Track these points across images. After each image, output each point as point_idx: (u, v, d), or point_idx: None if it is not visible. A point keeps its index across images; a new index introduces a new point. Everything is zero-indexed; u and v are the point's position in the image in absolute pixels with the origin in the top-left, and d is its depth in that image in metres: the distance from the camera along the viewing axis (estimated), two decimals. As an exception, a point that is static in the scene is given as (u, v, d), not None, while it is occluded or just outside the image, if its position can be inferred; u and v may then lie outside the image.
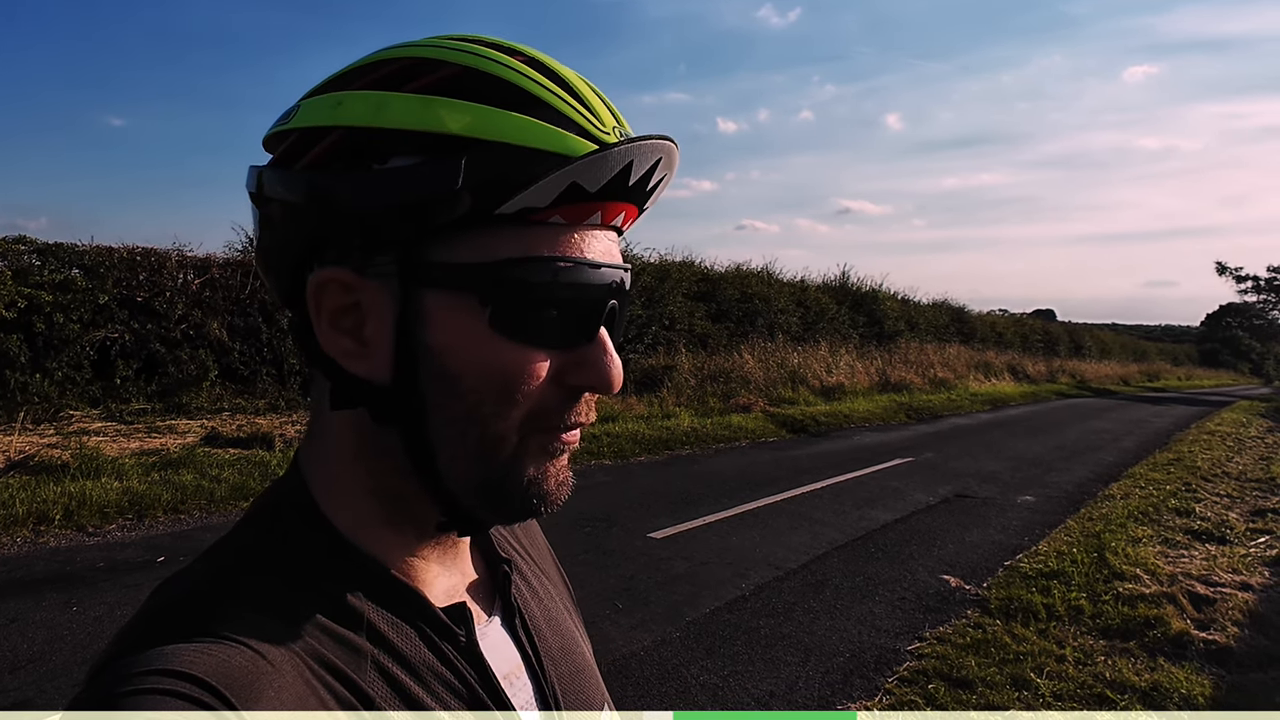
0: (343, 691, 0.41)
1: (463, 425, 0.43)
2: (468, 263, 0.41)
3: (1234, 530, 5.68)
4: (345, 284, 0.43)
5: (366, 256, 0.42)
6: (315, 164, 0.43)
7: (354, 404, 0.44)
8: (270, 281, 0.48)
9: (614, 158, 0.41)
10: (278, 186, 0.44)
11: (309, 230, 0.43)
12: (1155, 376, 34.98)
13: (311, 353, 0.45)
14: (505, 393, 0.43)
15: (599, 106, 0.44)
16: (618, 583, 4.14)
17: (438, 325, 0.42)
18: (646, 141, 0.43)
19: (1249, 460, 9.41)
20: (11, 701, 2.71)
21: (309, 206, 0.42)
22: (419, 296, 0.42)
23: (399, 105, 0.41)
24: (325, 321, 0.44)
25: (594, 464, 7.46)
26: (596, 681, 0.57)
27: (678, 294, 13.30)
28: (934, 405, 14.29)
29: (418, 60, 0.43)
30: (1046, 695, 3.08)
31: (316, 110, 0.43)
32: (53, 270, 7.58)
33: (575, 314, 0.44)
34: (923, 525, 5.74)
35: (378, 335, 0.43)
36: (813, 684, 3.14)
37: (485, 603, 0.53)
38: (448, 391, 0.43)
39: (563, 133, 0.41)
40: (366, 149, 0.41)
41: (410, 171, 0.40)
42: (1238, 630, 3.75)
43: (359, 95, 0.42)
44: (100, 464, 5.65)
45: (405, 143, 0.41)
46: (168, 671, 0.36)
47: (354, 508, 0.47)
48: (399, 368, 0.43)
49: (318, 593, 0.44)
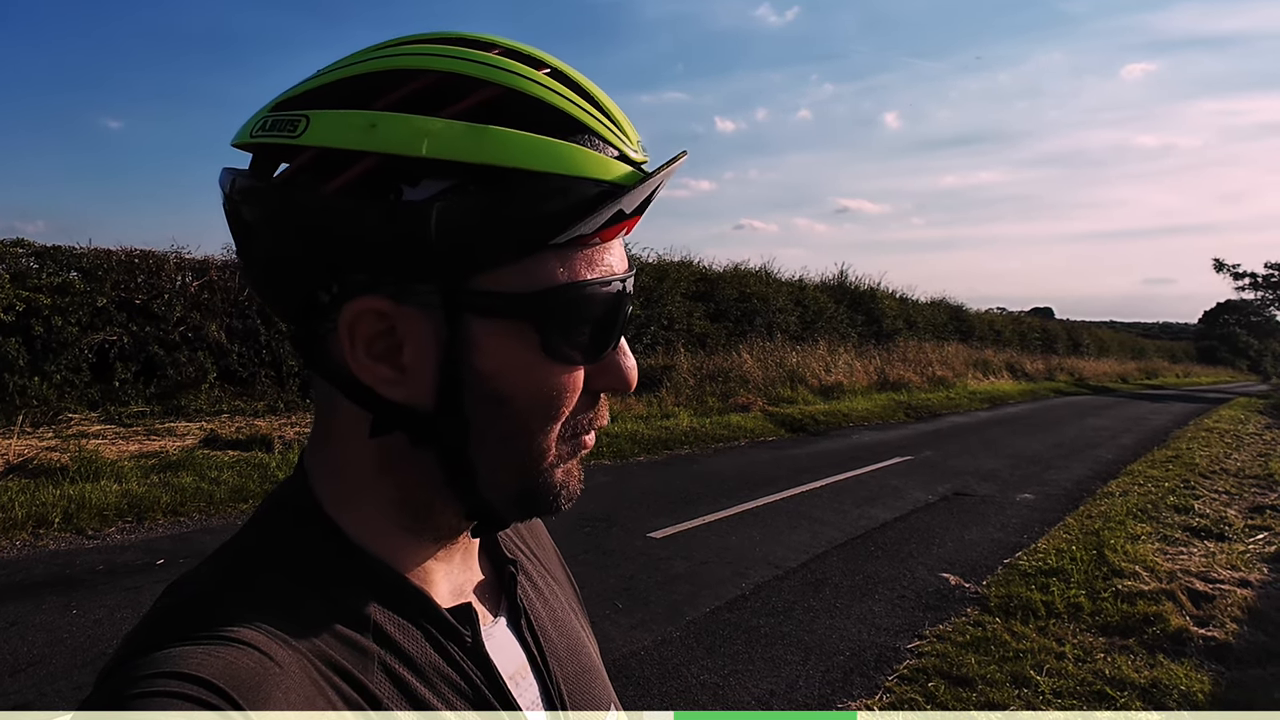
0: (350, 692, 0.41)
1: (509, 443, 0.44)
2: (516, 292, 0.41)
3: (1233, 527, 5.69)
4: (381, 312, 0.42)
5: (404, 284, 0.41)
6: (344, 190, 0.40)
7: (392, 429, 0.44)
8: (269, 297, 0.45)
9: (653, 182, 0.42)
10: (292, 210, 0.41)
11: (332, 254, 0.41)
12: (1153, 374, 35.02)
13: (333, 374, 0.44)
14: (552, 410, 0.44)
15: (625, 123, 0.44)
16: (618, 582, 4.14)
17: (487, 352, 0.42)
18: (676, 163, 0.43)
19: (1247, 457, 9.43)
20: (12, 704, 2.71)
21: (339, 235, 0.40)
22: (467, 325, 0.41)
23: (446, 134, 0.39)
24: (361, 350, 0.42)
25: (593, 464, 7.46)
26: (603, 682, 0.57)
27: (676, 294, 13.30)
28: (933, 404, 14.30)
29: (451, 76, 0.41)
30: (1046, 692, 3.08)
31: (342, 130, 0.40)
32: (51, 273, 7.57)
33: (604, 325, 0.44)
34: (922, 523, 5.75)
35: (418, 362, 0.42)
36: (813, 683, 3.15)
37: (491, 603, 0.53)
38: (496, 414, 0.43)
39: (610, 161, 0.41)
40: (402, 177, 0.40)
41: (458, 202, 0.39)
42: (1237, 627, 3.76)
43: (397, 119, 0.39)
44: (99, 467, 5.65)
45: (447, 173, 0.40)
46: (176, 674, 0.36)
47: (365, 513, 0.47)
48: (443, 392, 0.42)
49: (324, 594, 0.44)
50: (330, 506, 0.47)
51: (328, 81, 0.43)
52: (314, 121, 0.41)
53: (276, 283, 0.44)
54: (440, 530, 0.48)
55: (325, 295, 0.42)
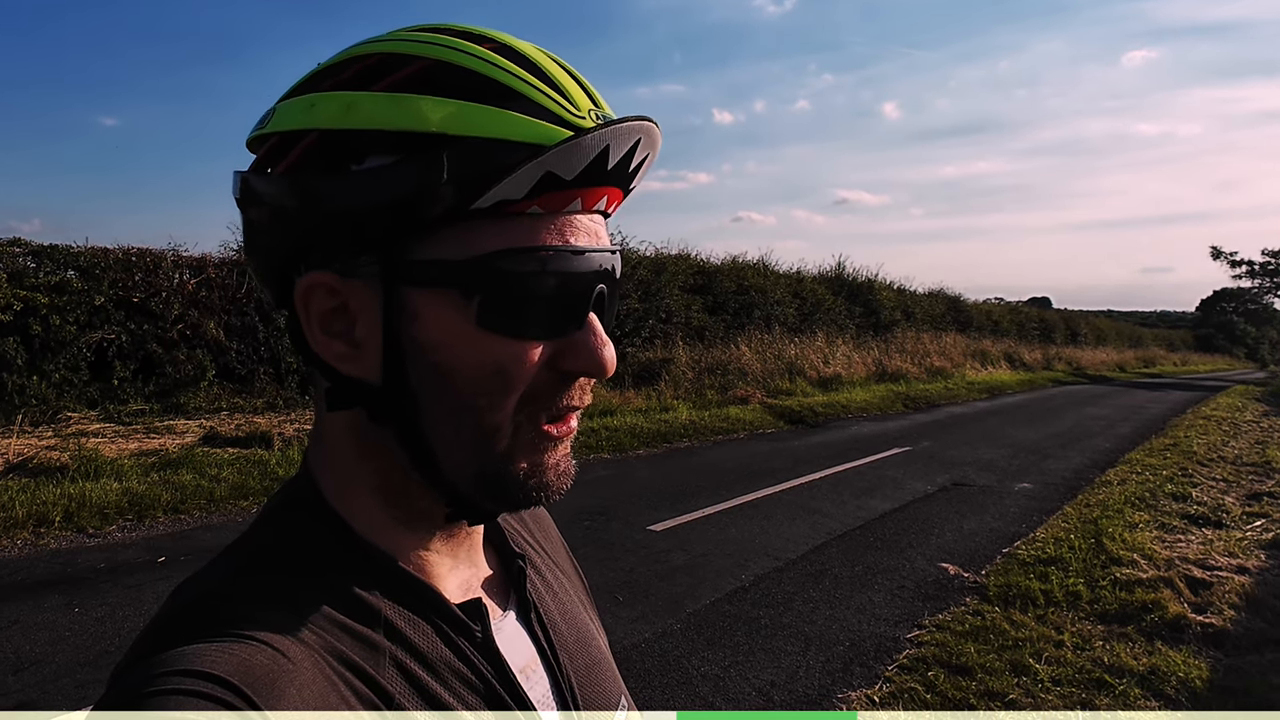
0: (362, 688, 0.41)
1: (457, 419, 0.43)
2: (450, 259, 0.41)
3: (1230, 514, 5.72)
4: (330, 287, 0.43)
5: (350, 258, 0.42)
6: (294, 167, 0.43)
7: (350, 404, 0.45)
8: (261, 286, 0.48)
9: (588, 144, 0.41)
10: (258, 190, 0.44)
11: (294, 234, 0.43)
12: (1151, 362, 35.06)
13: (307, 354, 0.46)
14: (498, 385, 0.43)
15: (574, 90, 0.43)
16: (618, 575, 4.16)
17: (425, 323, 0.42)
18: (622, 124, 0.42)
19: (1245, 444, 9.45)
20: (15, 702, 2.72)
21: (290, 209, 0.42)
22: (404, 295, 0.42)
23: (369, 104, 0.41)
24: (315, 325, 0.44)
25: (592, 458, 7.47)
26: (613, 674, 0.58)
27: (674, 287, 13.29)
28: (931, 394, 14.32)
29: (385, 56, 0.43)
30: (1045, 680, 3.10)
31: (291, 113, 0.43)
32: (48, 272, 7.56)
33: (562, 302, 0.43)
34: (921, 514, 5.77)
35: (368, 336, 0.43)
36: (813, 673, 3.16)
37: (500, 598, 0.53)
38: (440, 387, 0.43)
39: (536, 122, 0.41)
40: (343, 150, 0.41)
41: (386, 170, 0.40)
42: (1234, 613, 3.78)
43: (330, 96, 0.42)
44: (99, 465, 5.65)
45: (380, 142, 0.41)
46: (190, 672, 0.36)
47: (364, 506, 0.47)
48: (389, 367, 0.43)
49: (335, 590, 0.44)
50: (334, 500, 0.47)
51: (308, 74, 0.45)
52: (278, 110, 0.44)
53: (262, 269, 0.47)
54: (430, 520, 0.48)
55: (296, 277, 0.44)
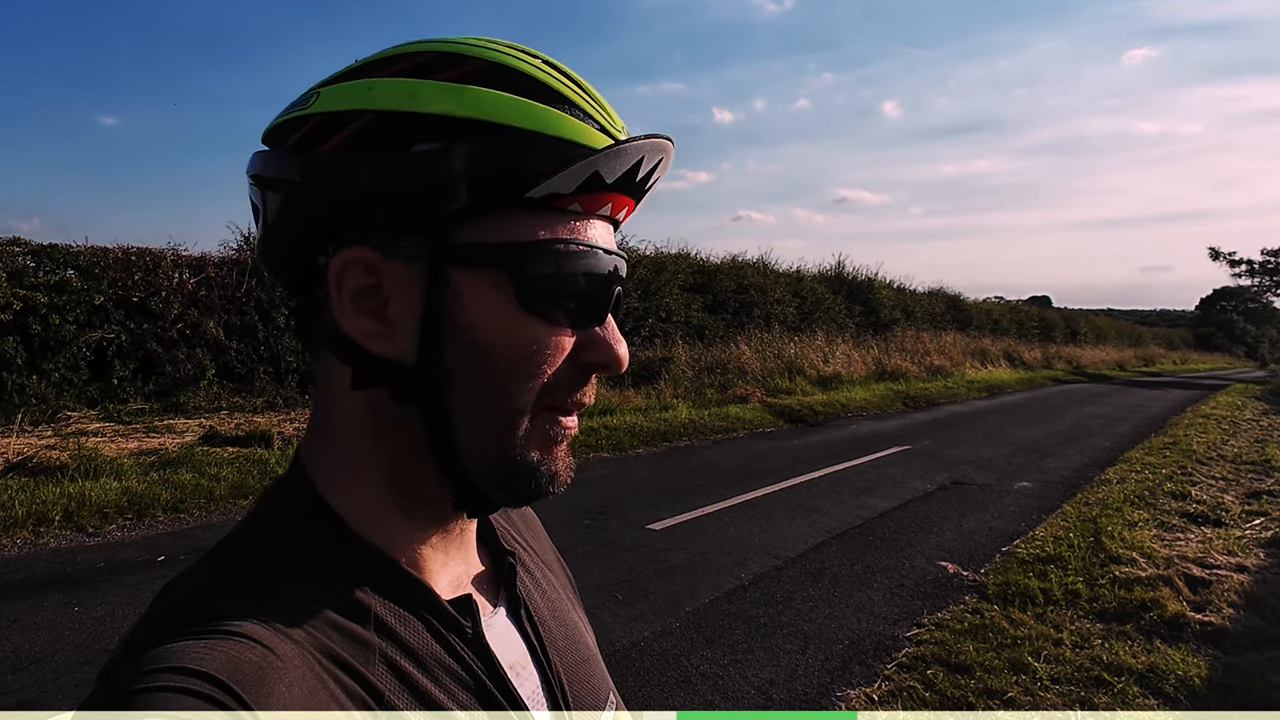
0: (352, 685, 0.41)
1: (488, 398, 0.45)
2: (496, 243, 0.43)
3: (1229, 513, 5.71)
4: (369, 264, 0.44)
5: (392, 238, 0.43)
6: (342, 146, 0.44)
7: (374, 384, 0.45)
8: (274, 267, 0.48)
9: (630, 152, 0.45)
10: (296, 171, 0.44)
11: (330, 212, 0.44)
12: (1150, 361, 35.06)
13: (324, 335, 0.46)
14: (531, 365, 0.45)
15: (610, 109, 0.47)
16: (617, 574, 4.16)
17: (468, 302, 0.44)
18: (656, 140, 0.46)
19: (1244, 443, 9.45)
20: (14, 701, 2.72)
21: (333, 188, 0.43)
22: (447, 275, 0.43)
23: (432, 91, 0.43)
24: (348, 302, 0.44)
25: (592, 457, 7.48)
26: (601, 671, 0.58)
27: (674, 286, 13.29)
28: (931, 393, 14.32)
29: (439, 54, 0.44)
30: (1044, 679, 3.10)
31: (345, 95, 0.44)
32: (48, 271, 7.56)
33: (589, 297, 0.46)
34: (920, 513, 5.77)
35: (401, 315, 0.44)
36: (812, 671, 3.16)
37: (490, 594, 0.54)
38: (475, 366, 0.44)
39: (586, 127, 0.44)
40: (394, 134, 0.43)
41: (440, 154, 0.42)
42: (1233, 611, 3.78)
43: (391, 81, 0.43)
44: (99, 464, 5.65)
45: (434, 128, 0.42)
46: (178, 669, 0.36)
47: (363, 495, 0.47)
48: (424, 345, 0.44)
49: (324, 587, 0.44)
50: (329, 493, 0.47)
51: (347, 68, 0.47)
52: (323, 94, 0.45)
53: (281, 250, 0.47)
54: (432, 511, 0.48)
55: (323, 258, 0.45)
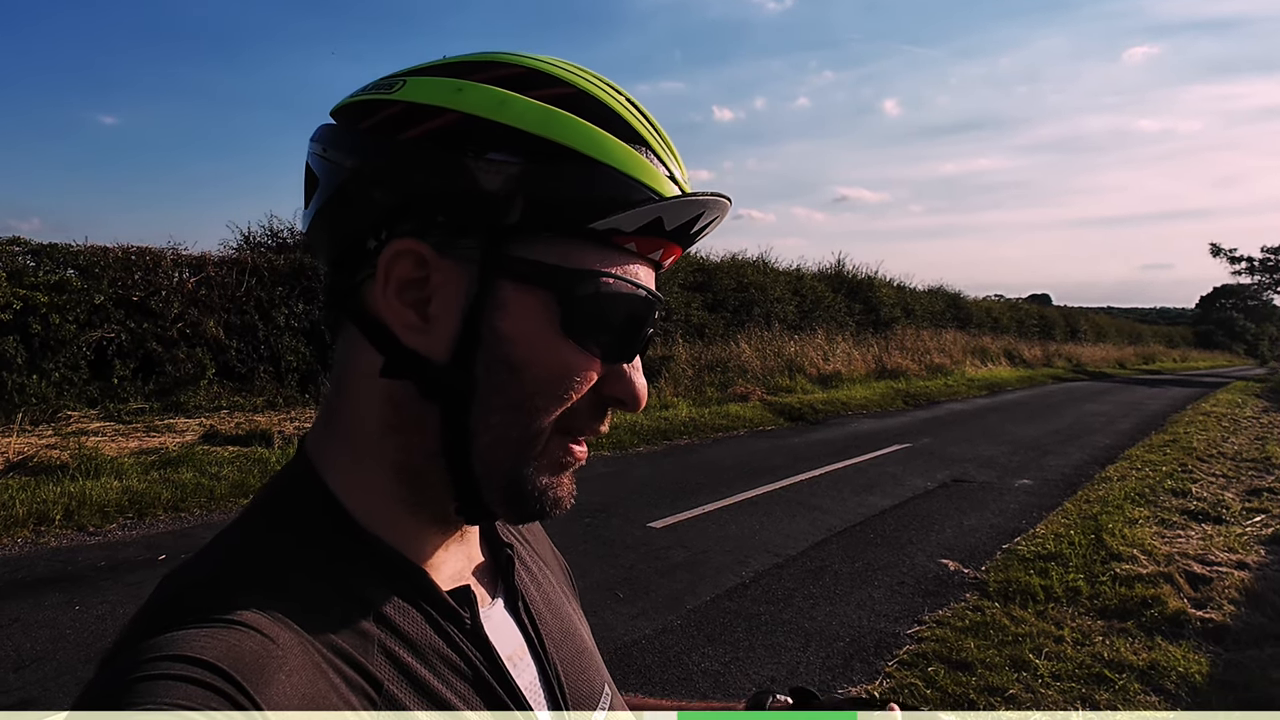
0: (351, 674, 0.41)
1: (511, 413, 0.45)
2: (550, 264, 0.44)
3: (1230, 510, 5.72)
4: (421, 257, 0.44)
5: (450, 237, 0.44)
6: (421, 139, 0.44)
7: (403, 375, 0.45)
8: (320, 242, 0.48)
9: (694, 205, 0.46)
10: (370, 152, 0.44)
11: (395, 201, 0.44)
12: (1150, 359, 35.07)
13: (358, 318, 0.46)
14: (559, 389, 0.45)
15: (678, 158, 0.48)
16: (618, 572, 4.16)
17: (511, 315, 0.44)
18: (720, 199, 0.47)
19: (1244, 440, 9.46)
20: (16, 700, 2.72)
21: (404, 178, 0.43)
22: (497, 285, 0.44)
23: (522, 106, 0.43)
24: (392, 290, 0.44)
25: (592, 455, 7.45)
26: (597, 664, 0.59)
27: (674, 284, 13.29)
28: (931, 391, 14.32)
29: (532, 71, 0.45)
30: (1045, 676, 3.10)
31: (433, 89, 0.44)
32: (48, 271, 7.55)
33: (626, 333, 0.47)
34: (921, 510, 5.77)
35: (444, 313, 0.44)
36: (813, 669, 3.16)
37: (489, 586, 0.54)
38: (506, 380, 0.44)
39: (657, 172, 0.45)
40: (476, 139, 0.43)
41: (518, 168, 0.42)
42: (1234, 608, 3.78)
43: (482, 87, 0.44)
44: (99, 464, 5.65)
45: (516, 142, 0.43)
46: (179, 657, 0.36)
47: (369, 487, 0.47)
48: (460, 347, 0.44)
49: (325, 577, 0.44)
50: (334, 483, 0.47)
51: (433, 63, 0.47)
52: (410, 83, 0.45)
53: (333, 227, 0.47)
54: (435, 509, 0.48)
55: (373, 241, 0.45)
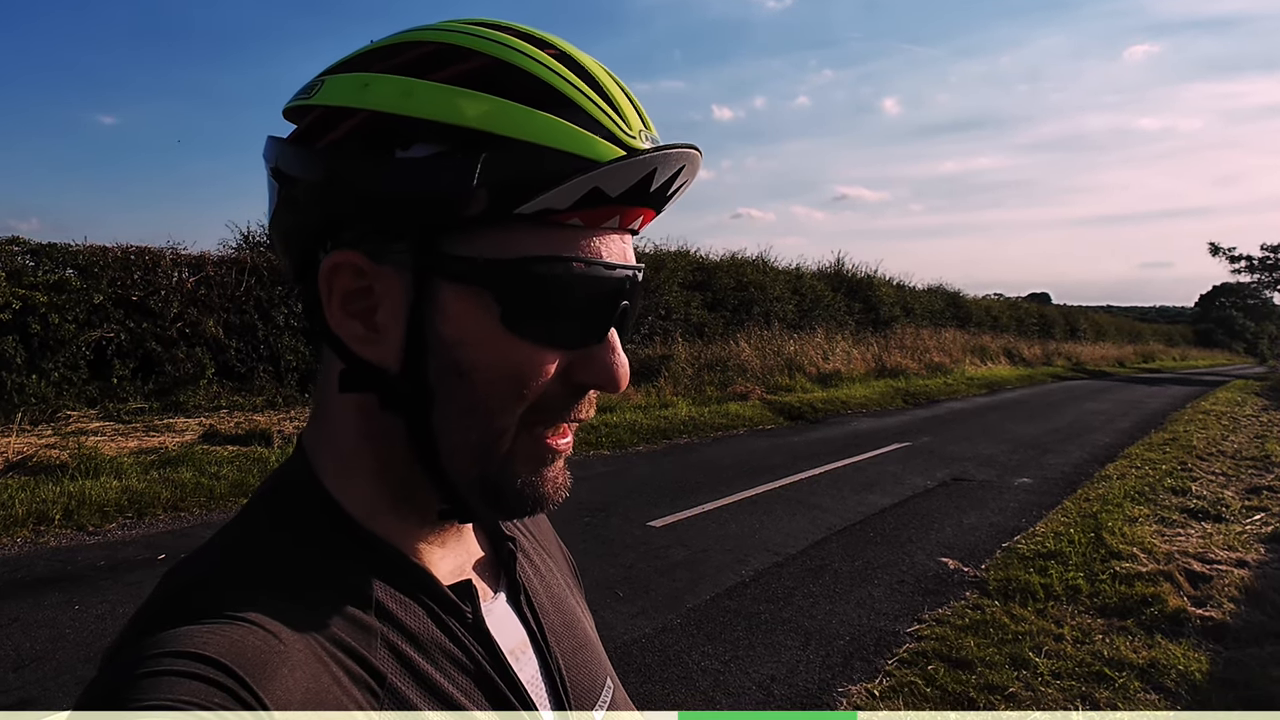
0: (355, 669, 0.41)
1: (468, 418, 0.43)
2: (484, 258, 0.41)
3: (1230, 508, 5.71)
4: (358, 268, 0.43)
5: (382, 243, 0.42)
6: (337, 144, 0.42)
7: (362, 388, 0.44)
8: (283, 256, 0.48)
9: (638, 165, 0.41)
10: (296, 163, 0.43)
11: (326, 210, 0.43)
12: (1150, 358, 35.07)
13: (323, 331, 0.45)
14: (513, 388, 0.43)
15: (627, 108, 0.43)
16: (618, 571, 4.16)
17: (451, 318, 0.42)
18: (672, 150, 0.42)
19: (1244, 439, 9.46)
20: (15, 700, 2.71)
21: (327, 186, 0.42)
22: (433, 287, 0.42)
23: (425, 93, 0.40)
24: (336, 304, 0.44)
25: (592, 454, 7.47)
26: (599, 656, 0.58)
27: (674, 283, 13.29)
28: (930, 390, 14.32)
29: (445, 47, 0.42)
30: (1045, 674, 3.10)
31: (342, 89, 0.42)
32: (47, 271, 7.55)
33: (587, 315, 0.44)
34: (921, 509, 5.77)
35: (389, 322, 0.43)
36: (813, 667, 3.16)
37: (490, 580, 0.54)
38: (457, 384, 0.43)
39: (589, 136, 0.41)
40: (391, 134, 0.41)
41: (431, 162, 0.40)
42: (1234, 606, 3.78)
43: (387, 79, 0.41)
44: (99, 463, 5.65)
45: (429, 132, 0.40)
46: (183, 653, 0.36)
47: (360, 488, 0.47)
48: (409, 357, 0.43)
49: (326, 572, 0.44)
50: (329, 481, 0.47)
51: (353, 55, 0.45)
52: (326, 84, 0.44)
53: (285, 241, 0.46)
54: (424, 510, 0.48)
55: (322, 254, 0.44)
